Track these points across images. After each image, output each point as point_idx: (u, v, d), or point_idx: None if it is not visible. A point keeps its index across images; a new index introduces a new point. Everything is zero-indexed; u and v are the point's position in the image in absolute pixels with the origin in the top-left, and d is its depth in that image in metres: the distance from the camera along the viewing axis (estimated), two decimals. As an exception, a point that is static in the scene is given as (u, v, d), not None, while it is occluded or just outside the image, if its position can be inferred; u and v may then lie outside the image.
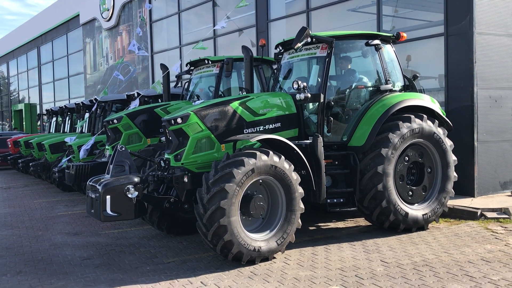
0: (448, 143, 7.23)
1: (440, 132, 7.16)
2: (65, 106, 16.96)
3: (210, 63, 9.50)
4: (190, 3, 16.97)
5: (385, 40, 7.48)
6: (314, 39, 6.91)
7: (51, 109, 19.09)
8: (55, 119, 18.62)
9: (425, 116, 7.05)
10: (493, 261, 5.50)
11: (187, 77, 10.67)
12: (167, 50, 18.57)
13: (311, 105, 7.07)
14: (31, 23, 32.52)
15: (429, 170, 7.18)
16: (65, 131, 16.64)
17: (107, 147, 9.68)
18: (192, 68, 10.05)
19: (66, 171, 9.87)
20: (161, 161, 6.50)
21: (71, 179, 9.58)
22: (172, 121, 6.28)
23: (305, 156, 6.30)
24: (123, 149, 6.19)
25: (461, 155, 8.32)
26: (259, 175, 5.74)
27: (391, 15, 10.72)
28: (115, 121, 9.37)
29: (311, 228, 7.53)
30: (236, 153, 5.88)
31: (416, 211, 6.97)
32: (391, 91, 7.27)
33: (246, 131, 6.50)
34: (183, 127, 6.23)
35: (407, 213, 6.84)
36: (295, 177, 6.00)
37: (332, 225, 7.71)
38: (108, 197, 5.68)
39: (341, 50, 7.39)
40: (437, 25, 9.33)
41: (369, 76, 7.38)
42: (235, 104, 6.50)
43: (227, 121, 6.40)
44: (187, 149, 6.20)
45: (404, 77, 7.65)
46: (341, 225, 7.70)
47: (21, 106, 34.04)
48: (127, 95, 12.23)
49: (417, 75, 7.90)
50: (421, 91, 9.10)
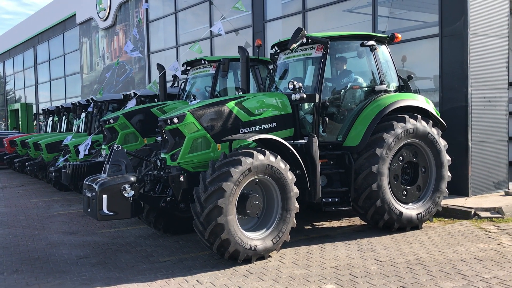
0: (442, 143, 7.30)
1: (434, 132, 7.22)
2: (61, 105, 16.96)
3: (206, 63, 9.55)
4: (186, 3, 17.00)
5: (380, 41, 7.54)
6: (309, 40, 6.96)
7: (48, 108, 19.09)
8: (51, 118, 18.63)
9: (419, 116, 7.12)
10: (486, 260, 5.57)
11: (183, 77, 10.72)
12: (164, 50, 18.60)
13: (307, 105, 7.12)
14: (27, 23, 32.46)
15: (423, 170, 7.25)
16: (62, 130, 16.64)
17: (103, 147, 9.71)
18: (188, 68, 10.10)
19: (62, 170, 9.89)
20: (157, 161, 6.54)
21: (67, 178, 9.61)
22: (168, 120, 6.32)
23: (300, 155, 6.36)
24: (120, 148, 6.22)
25: (455, 155, 8.38)
26: (256, 174, 5.79)
27: (386, 15, 10.79)
28: (112, 120, 9.40)
29: (307, 227, 7.59)
30: (233, 152, 5.93)
31: (410, 210, 7.03)
32: (386, 91, 7.33)
33: (242, 131, 6.56)
34: (179, 126, 6.27)
35: (401, 213, 6.90)
36: (290, 176, 6.05)
37: (327, 224, 7.77)
38: (104, 196, 5.72)
39: (336, 50, 7.46)
40: (432, 26, 9.40)
41: (364, 76, 7.44)
42: (231, 104, 6.55)
43: (223, 121, 6.45)
44: (183, 149, 6.25)
45: (399, 77, 7.71)
46: (336, 224, 7.76)
47: (17, 105, 33.97)
48: (123, 95, 12.26)
49: (412, 75, 7.96)
50: (417, 91, 9.19)
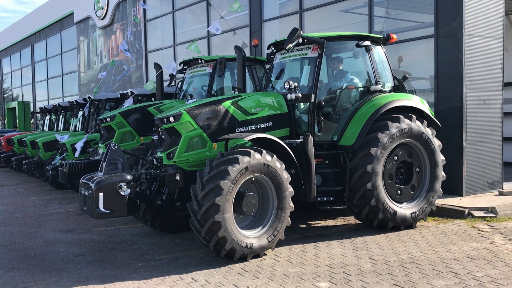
0: (436, 143, 7.36)
1: (428, 132, 7.28)
2: (58, 104, 16.99)
3: (203, 62, 9.59)
4: (184, 2, 17.03)
5: (376, 41, 7.60)
6: (305, 40, 7.00)
7: (45, 107, 19.10)
8: (48, 117, 18.64)
9: (414, 116, 7.17)
10: (478, 259, 5.63)
11: (180, 76, 10.75)
12: (161, 49, 18.63)
13: (302, 105, 7.18)
14: (25, 21, 32.44)
15: (418, 169, 7.30)
16: (59, 129, 16.67)
17: (100, 145, 9.75)
18: (185, 67, 10.14)
19: (59, 169, 9.92)
20: (154, 159, 6.58)
21: (64, 177, 9.64)
22: (164, 119, 6.36)
23: (295, 155, 6.41)
24: (116, 147, 6.26)
25: (450, 155, 8.45)
26: (252, 173, 5.84)
27: (383, 16, 10.85)
28: (109, 119, 9.44)
29: (302, 226, 7.64)
30: (230, 151, 5.97)
31: (404, 209, 7.09)
32: (381, 91, 7.38)
33: (238, 130, 6.60)
34: (176, 125, 6.31)
35: (395, 212, 6.96)
36: (285, 176, 6.10)
37: (322, 223, 7.83)
38: (101, 195, 5.76)
39: (332, 51, 7.51)
40: (428, 27, 9.47)
41: (360, 76, 7.49)
42: (227, 103, 6.60)
43: (219, 120, 6.49)
44: (179, 148, 6.29)
45: (394, 78, 7.77)
46: (331, 223, 7.81)
47: (14, 104, 33.95)
48: (120, 94, 12.29)
49: (407, 76, 8.02)
50: (413, 91, 9.26)
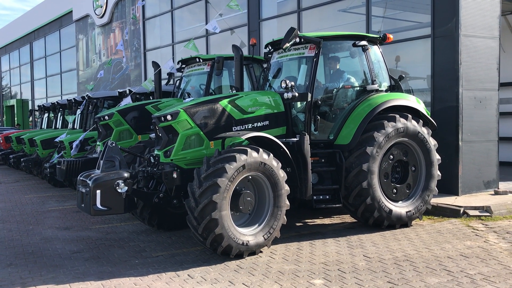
0: (432, 143, 7.41)
1: (424, 131, 7.33)
2: (57, 102, 17.01)
3: (201, 61, 9.63)
4: (183, 1, 17.06)
5: (372, 41, 7.65)
6: (302, 40, 7.05)
7: (43, 105, 19.12)
8: (47, 115, 18.66)
9: (409, 115, 7.23)
10: (471, 257, 5.69)
11: (178, 74, 10.79)
12: (160, 47, 18.65)
13: (299, 104, 7.22)
14: (24, 19, 32.42)
15: (413, 168, 7.36)
16: (57, 127, 16.69)
17: (98, 143, 9.78)
18: (183, 66, 10.18)
19: (57, 166, 9.95)
20: (151, 157, 6.62)
21: (62, 174, 9.67)
22: (162, 118, 6.41)
23: (292, 153, 6.46)
24: (114, 145, 6.30)
25: (446, 154, 8.51)
26: (249, 171, 5.89)
27: (380, 16, 10.90)
28: (106, 117, 9.47)
29: (298, 224, 7.69)
30: (227, 149, 6.02)
31: (400, 208, 7.14)
32: (377, 91, 7.43)
33: (235, 129, 6.65)
34: (173, 124, 6.36)
35: (391, 210, 7.01)
36: (282, 174, 6.15)
37: (318, 221, 7.88)
38: (98, 192, 5.80)
39: (329, 50, 7.56)
40: (425, 27, 9.52)
41: (356, 76, 7.54)
42: (224, 102, 6.64)
43: (216, 118, 6.54)
44: (176, 146, 6.33)
45: (390, 77, 7.82)
46: (327, 221, 7.87)
47: (13, 101, 33.95)
48: (118, 92, 12.33)
49: (403, 76, 8.07)
50: (410, 91, 9.32)
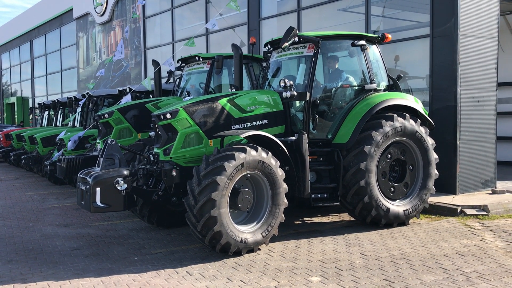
0: (429, 142, 7.46)
1: (422, 131, 7.38)
2: (57, 100, 17.06)
3: (201, 60, 9.68)
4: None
5: (371, 40, 7.69)
6: (301, 39, 7.09)
7: (44, 102, 19.17)
8: (47, 112, 18.71)
9: (407, 115, 7.27)
10: (467, 255, 5.75)
11: (178, 73, 10.83)
12: (160, 46, 18.69)
13: (298, 103, 7.27)
14: (24, 16, 32.44)
15: (411, 167, 7.41)
16: (57, 125, 16.74)
17: (98, 141, 9.82)
18: (183, 64, 10.22)
19: (57, 164, 10.00)
20: (151, 155, 6.67)
21: (62, 172, 9.72)
22: (161, 116, 6.45)
23: (290, 152, 6.51)
24: (114, 143, 6.35)
25: (444, 153, 8.57)
26: (248, 169, 5.94)
27: (380, 15, 10.94)
28: (107, 115, 9.51)
29: (296, 222, 7.75)
30: (226, 147, 6.07)
31: (397, 207, 7.19)
32: (375, 90, 7.48)
33: (233, 127, 6.69)
34: (172, 122, 6.40)
35: (388, 209, 7.06)
36: (280, 173, 6.21)
37: (316, 219, 7.94)
38: (98, 189, 5.86)
39: (328, 49, 7.60)
40: (425, 27, 9.56)
41: (355, 75, 7.59)
42: (223, 100, 6.69)
43: (215, 117, 6.58)
44: (175, 144, 6.38)
45: (388, 77, 7.87)
46: (325, 219, 7.92)
47: (13, 99, 33.99)
48: (119, 90, 12.37)
49: (401, 75, 8.12)
50: (409, 90, 9.37)
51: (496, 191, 8.97)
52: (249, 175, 6.07)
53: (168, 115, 6.38)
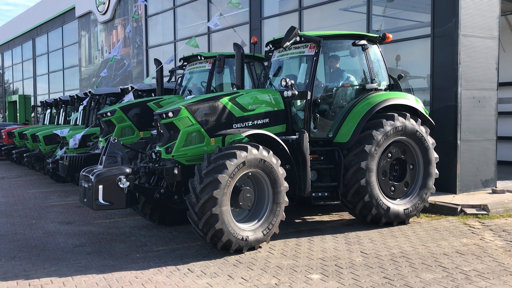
0: (430, 141, 7.50)
1: (422, 130, 7.42)
2: (59, 98, 17.12)
3: (203, 59, 9.72)
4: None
5: (372, 40, 7.73)
6: (302, 39, 7.14)
7: (46, 101, 19.23)
8: (49, 111, 18.77)
9: (408, 114, 7.31)
10: (467, 254, 5.79)
11: (180, 72, 10.88)
12: (162, 44, 18.74)
13: (299, 102, 7.31)
14: (26, 15, 32.52)
15: (411, 166, 7.45)
16: (59, 123, 16.81)
17: (100, 139, 9.88)
18: (185, 63, 10.27)
19: (60, 162, 10.05)
20: (153, 153, 6.72)
21: (64, 170, 9.77)
22: (163, 115, 6.50)
23: (291, 151, 6.56)
24: (116, 141, 6.40)
25: (444, 153, 8.61)
26: (249, 168, 5.98)
27: (381, 15, 10.97)
28: (109, 114, 9.57)
29: (297, 220, 7.80)
30: (228, 146, 6.12)
31: (397, 206, 7.24)
32: (376, 90, 7.52)
33: (235, 126, 6.74)
34: (174, 121, 6.45)
35: (388, 208, 7.11)
36: (281, 171, 6.25)
37: (317, 218, 7.98)
38: (100, 187, 5.90)
39: (329, 49, 7.64)
40: (425, 27, 9.59)
41: (356, 75, 7.63)
42: (225, 99, 6.73)
43: (217, 116, 6.63)
44: (177, 142, 6.43)
45: (389, 76, 7.91)
46: (326, 218, 7.97)
47: (15, 97, 34.08)
48: (121, 89, 12.42)
49: (402, 75, 8.15)
50: (410, 90, 9.41)
51: (496, 191, 9.01)
52: (250, 174, 6.12)
53: (170, 114, 6.43)
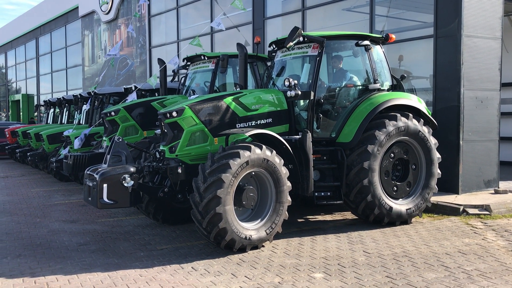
0: (432, 141, 7.52)
1: (425, 130, 7.44)
2: (62, 97, 17.19)
3: (206, 59, 9.76)
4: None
5: (375, 41, 7.76)
6: (306, 39, 7.17)
7: (49, 100, 19.31)
8: (52, 110, 18.85)
9: (410, 115, 7.34)
10: (469, 254, 5.82)
11: (183, 71, 10.92)
12: (165, 44, 18.79)
13: (302, 102, 7.35)
14: (30, 14, 32.60)
15: (414, 166, 7.48)
16: (63, 122, 16.88)
17: (104, 139, 9.93)
18: (188, 63, 10.31)
19: (64, 161, 10.09)
20: (157, 153, 6.77)
21: (68, 169, 9.81)
22: (167, 114, 6.55)
23: (294, 150, 6.59)
24: (120, 140, 6.44)
25: (447, 153, 8.62)
26: (253, 167, 6.02)
27: (384, 15, 11.00)
28: (113, 113, 9.61)
29: (300, 220, 7.83)
30: (231, 145, 6.16)
31: (400, 205, 7.27)
32: (379, 90, 7.55)
33: (238, 126, 6.78)
34: (178, 120, 6.49)
35: (391, 208, 7.14)
36: (284, 171, 6.29)
37: (320, 217, 8.02)
38: (105, 186, 5.95)
39: (332, 49, 7.67)
40: (428, 27, 9.61)
41: (359, 75, 7.66)
42: (228, 99, 6.77)
43: (220, 115, 6.67)
44: (181, 142, 6.47)
45: (392, 77, 7.93)
46: (328, 218, 8.00)
47: (18, 96, 34.18)
48: (124, 88, 12.48)
49: (405, 75, 8.18)
50: (413, 90, 9.43)
51: (498, 191, 9.02)
52: (253, 173, 6.16)
53: (174, 113, 6.47)
